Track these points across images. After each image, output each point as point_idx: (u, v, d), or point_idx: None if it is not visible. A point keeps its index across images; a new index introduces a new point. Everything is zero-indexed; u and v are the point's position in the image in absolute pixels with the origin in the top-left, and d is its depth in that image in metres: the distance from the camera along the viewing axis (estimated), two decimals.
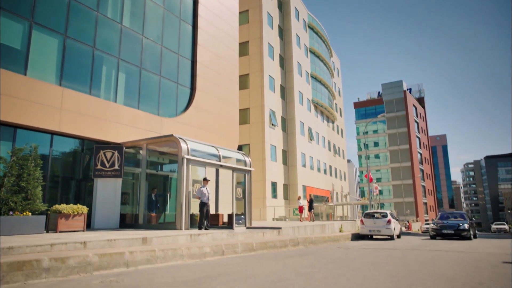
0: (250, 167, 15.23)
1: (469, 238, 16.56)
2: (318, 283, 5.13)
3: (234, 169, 14.28)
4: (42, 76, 11.62)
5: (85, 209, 10.27)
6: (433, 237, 17.34)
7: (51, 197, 11.79)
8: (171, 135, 12.23)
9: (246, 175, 14.89)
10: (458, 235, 16.56)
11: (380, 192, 69.27)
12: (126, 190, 13.98)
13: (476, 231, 19.79)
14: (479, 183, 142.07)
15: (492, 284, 4.98)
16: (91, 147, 12.96)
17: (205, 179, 12.34)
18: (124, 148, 12.87)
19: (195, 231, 10.92)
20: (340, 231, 18.74)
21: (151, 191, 13.67)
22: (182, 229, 11.45)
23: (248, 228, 14.35)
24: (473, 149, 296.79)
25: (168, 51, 16.74)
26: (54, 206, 9.92)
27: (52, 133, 11.81)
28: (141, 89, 15.11)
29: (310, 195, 22.04)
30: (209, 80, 18.70)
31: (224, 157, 14.08)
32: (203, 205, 11.95)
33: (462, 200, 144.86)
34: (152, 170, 15.13)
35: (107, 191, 12.28)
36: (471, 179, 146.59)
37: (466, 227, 16.58)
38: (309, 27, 43.70)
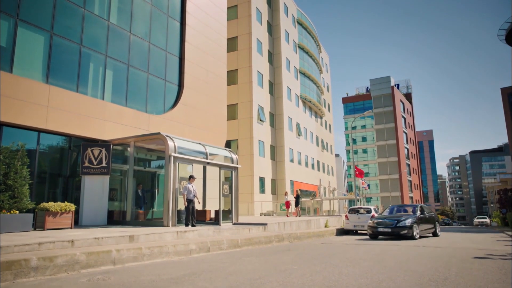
0: (237, 164, 15.47)
1: (411, 238, 13.21)
2: (296, 279, 5.43)
3: (221, 166, 14.50)
4: (28, 74, 11.62)
5: (72, 207, 10.40)
6: (372, 237, 14.21)
7: (39, 195, 11.87)
8: (159, 133, 12.39)
9: (233, 172, 15.14)
10: (396, 234, 13.35)
11: (368, 186, 70.45)
12: (114, 186, 14.11)
13: (438, 230, 15.92)
14: (464, 178, 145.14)
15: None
16: (78, 144, 13.03)
17: (191, 177, 12.54)
18: (111, 145, 12.97)
19: (182, 227, 11.15)
20: (325, 226, 19.17)
21: (137, 187, 13.82)
22: (169, 226, 11.66)
23: (234, 224, 14.63)
24: (459, 144, 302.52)
25: (156, 48, 16.79)
26: (41, 204, 10.03)
27: (39, 131, 11.85)
28: (129, 86, 15.18)
29: (296, 191, 22.40)
30: (197, 77, 18.81)
31: (211, 154, 14.29)
32: (189, 202, 12.16)
33: (448, 194, 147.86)
34: (139, 167, 15.27)
35: (95, 188, 12.40)
36: (457, 173, 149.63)
37: (408, 224, 13.27)
38: (298, 22, 43.86)
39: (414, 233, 13.31)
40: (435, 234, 15.69)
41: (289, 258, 7.90)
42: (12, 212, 9.02)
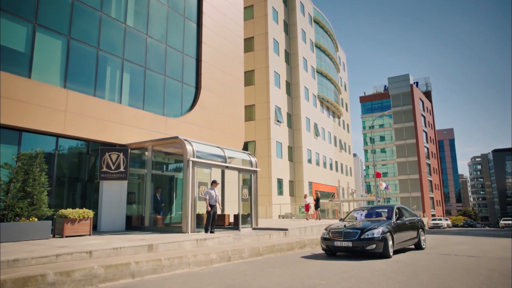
0: (256, 167, 15.11)
1: (382, 255, 9.02)
2: None
3: (240, 170, 14.17)
4: (46, 79, 11.55)
5: (90, 213, 10.24)
6: (329, 253, 9.93)
7: (57, 200, 11.80)
8: (177, 137, 12.15)
9: (252, 175, 14.79)
10: (359, 250, 9.04)
11: (386, 187, 69.04)
12: (132, 190, 13.97)
13: (423, 240, 11.70)
14: (486, 177, 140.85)
15: None
16: (96, 148, 12.92)
17: (214, 182, 12.25)
18: (129, 150, 12.81)
19: (202, 235, 10.86)
20: None
21: (155, 191, 13.64)
22: (188, 232, 11.39)
23: (254, 229, 14.28)
24: (481, 142, 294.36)
25: (172, 50, 16.59)
26: (60, 211, 9.90)
27: (57, 136, 11.78)
28: (146, 89, 15.01)
29: (316, 193, 21.89)
30: (214, 79, 18.55)
31: (230, 158, 13.98)
32: (211, 208, 11.88)
33: (469, 194, 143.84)
34: (157, 171, 15.08)
35: (113, 194, 12.25)
36: (478, 173, 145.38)
37: (377, 235, 8.94)
38: (314, 21, 43.22)
39: (388, 249, 9.06)
40: (418, 247, 11.43)
41: (314, 270, 7.47)
42: (31, 219, 8.90)
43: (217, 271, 7.30)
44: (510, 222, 50.61)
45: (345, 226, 9.81)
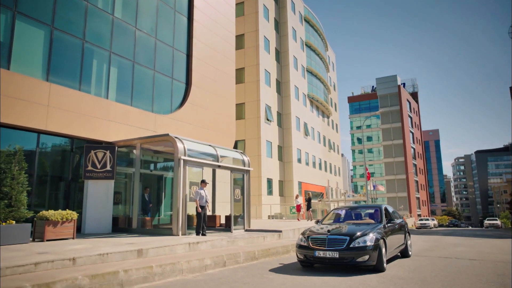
0: (249, 166, 14.60)
1: (376, 269, 7.35)
2: None
3: (232, 169, 13.63)
4: (27, 71, 10.78)
5: (74, 215, 9.56)
6: (304, 264, 8.10)
7: (38, 201, 11.05)
8: (167, 135, 11.53)
9: (245, 175, 14.27)
10: (349, 262, 7.20)
11: (374, 187, 69.46)
12: (118, 190, 13.28)
13: (409, 245, 10.02)
14: (469, 178, 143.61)
15: None
16: (81, 146, 12.20)
17: (203, 181, 11.69)
18: (116, 147, 12.13)
19: (194, 238, 10.29)
20: None
21: (143, 191, 13.00)
22: (178, 235, 10.80)
23: (246, 230, 13.77)
24: (464, 144, 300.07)
25: (162, 45, 15.93)
26: (40, 212, 9.19)
27: (39, 132, 11.02)
28: (134, 85, 14.32)
29: (308, 193, 21.51)
30: (205, 75, 17.95)
31: (222, 157, 13.43)
32: (201, 209, 11.32)
33: (453, 194, 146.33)
34: (145, 170, 14.42)
35: (99, 194, 11.56)
36: (462, 173, 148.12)
37: (370, 244, 7.20)
38: (305, 20, 42.93)
39: (382, 260, 7.38)
40: (405, 254, 9.67)
41: (317, 278, 7.00)
42: (8, 222, 8.19)
43: (212, 279, 6.77)
44: (494, 222, 51.37)
45: (328, 231, 7.66)
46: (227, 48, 20.24)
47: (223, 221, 15.36)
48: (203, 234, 11.28)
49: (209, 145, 13.26)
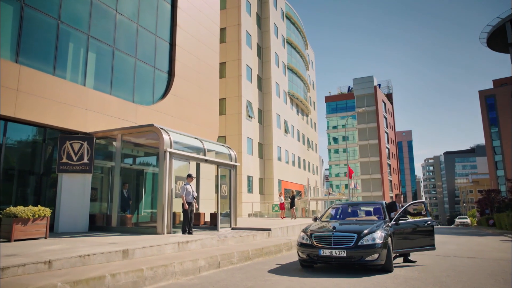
0: (236, 161, 13.90)
1: (385, 269, 6.86)
2: None
3: (219, 164, 12.88)
4: None
5: (47, 212, 8.54)
6: (305, 264, 7.50)
7: (4, 197, 9.88)
8: (152, 125, 10.63)
9: (232, 170, 13.55)
10: (355, 263, 6.69)
11: (346, 186, 70.36)
12: (94, 185, 12.21)
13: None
14: (438, 178, 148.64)
15: None
16: (55, 136, 11.08)
17: (189, 176, 10.88)
18: (94, 138, 11.10)
19: (182, 237, 9.49)
20: None
21: (122, 187, 12.02)
22: (164, 233, 9.96)
23: (233, 229, 13.07)
24: (435, 145, 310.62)
25: (144, 31, 14.92)
26: (7, 208, 8.13)
27: (6, 119, 9.86)
28: (114, 72, 13.27)
29: (292, 191, 21.02)
30: (188, 66, 17.06)
31: (209, 150, 12.65)
32: (188, 205, 10.52)
33: (422, 193, 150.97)
34: (125, 164, 13.41)
35: (75, 189, 10.51)
36: (431, 173, 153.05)
37: (379, 241, 6.68)
38: (286, 17, 42.52)
39: (391, 259, 6.97)
40: (408, 259, 8.38)
41: (326, 280, 6.42)
42: None
43: (210, 282, 6.05)
44: (464, 220, 53.06)
45: (334, 228, 7.11)
46: (211, 39, 19.41)
47: (207, 218, 14.60)
48: (190, 233, 10.49)
49: (195, 138, 12.46)
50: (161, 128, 10.55)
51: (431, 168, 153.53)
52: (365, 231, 6.85)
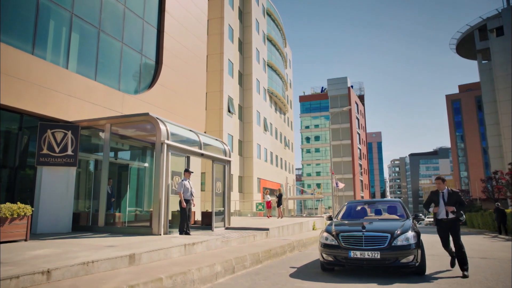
0: (230, 157, 13.06)
1: (419, 271, 6.34)
2: None
3: (215, 159, 12.00)
4: None
5: (29, 210, 7.35)
6: (326, 267, 6.88)
7: None
8: (147, 114, 9.58)
9: (226, 166, 12.71)
10: (393, 263, 6.06)
11: (318, 185, 71.01)
12: (76, 181, 10.96)
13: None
14: (403, 178, 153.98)
15: None
16: (33, 125, 9.77)
17: (187, 171, 9.97)
18: (80, 127, 9.90)
19: (181, 237, 8.56)
20: (313, 229, 17.44)
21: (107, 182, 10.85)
22: (160, 234, 8.98)
23: (227, 228, 12.25)
24: (401, 147, 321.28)
25: (131, 14, 13.73)
26: None
27: None
28: (100, 56, 12.04)
29: (279, 189, 20.43)
30: (176, 55, 15.98)
31: (205, 144, 11.75)
32: (186, 203, 9.61)
33: (388, 194, 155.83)
34: (110, 158, 12.20)
35: (56, 184, 9.28)
36: (397, 174, 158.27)
37: (413, 241, 6.17)
38: (267, 13, 41.92)
39: (424, 260, 6.47)
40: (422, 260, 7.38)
41: (363, 286, 5.79)
42: None
43: None
44: (432, 220, 54.93)
45: (363, 227, 6.45)
46: (199, 29, 18.39)
47: (198, 217, 13.68)
48: (187, 233, 9.58)
49: (191, 131, 11.51)
50: (158, 118, 9.55)
51: (397, 169, 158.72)
52: (398, 231, 6.28)
